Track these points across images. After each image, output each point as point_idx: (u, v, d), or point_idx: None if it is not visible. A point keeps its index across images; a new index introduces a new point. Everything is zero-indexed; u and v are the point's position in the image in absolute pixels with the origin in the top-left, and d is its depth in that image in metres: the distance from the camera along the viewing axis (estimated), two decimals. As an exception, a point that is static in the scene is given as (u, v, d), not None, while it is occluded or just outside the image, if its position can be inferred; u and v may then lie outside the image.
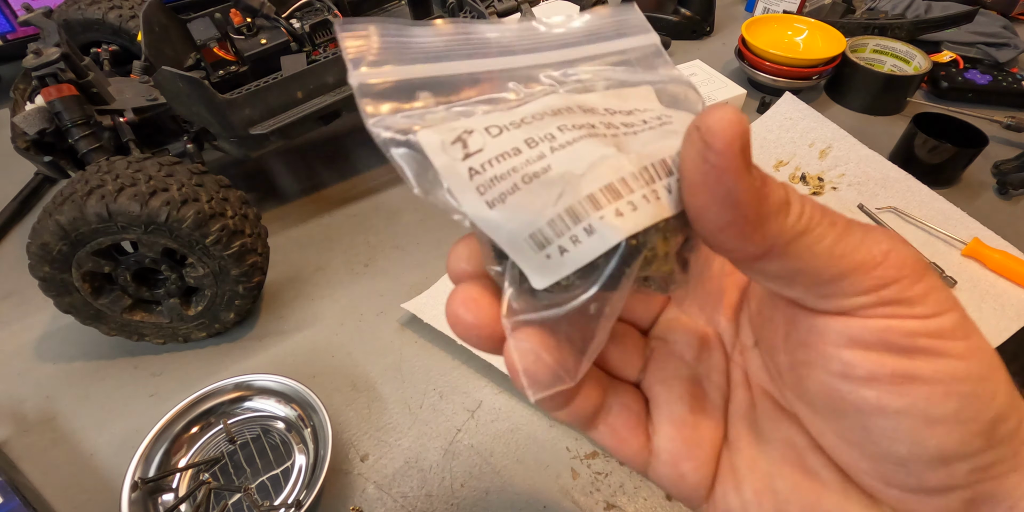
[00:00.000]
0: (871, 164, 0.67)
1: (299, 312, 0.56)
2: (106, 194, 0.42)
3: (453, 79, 0.16)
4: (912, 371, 0.14)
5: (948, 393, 0.14)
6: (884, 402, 0.14)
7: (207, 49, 0.61)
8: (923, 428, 0.14)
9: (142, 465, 0.43)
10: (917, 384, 0.14)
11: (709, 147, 0.13)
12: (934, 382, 0.14)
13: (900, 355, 0.14)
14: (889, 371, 0.14)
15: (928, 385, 0.14)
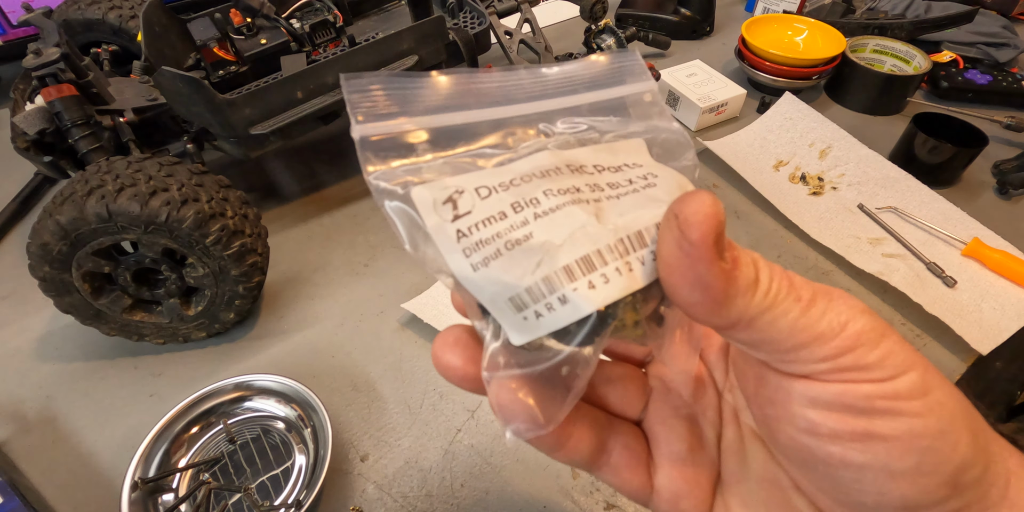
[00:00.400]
0: (871, 164, 0.67)
1: (299, 312, 0.56)
2: (106, 194, 0.42)
3: (451, 131, 0.17)
4: (871, 430, 0.15)
5: (908, 449, 0.15)
6: (848, 457, 0.15)
7: (207, 49, 0.61)
8: (886, 480, 0.15)
9: (142, 465, 0.43)
10: (877, 441, 0.15)
11: (685, 237, 0.14)
12: (893, 439, 0.15)
13: (859, 415, 0.15)
14: (850, 429, 0.15)
15: (888, 442, 0.15)
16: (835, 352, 0.15)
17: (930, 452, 0.15)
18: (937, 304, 0.53)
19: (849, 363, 0.15)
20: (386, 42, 0.59)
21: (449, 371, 0.18)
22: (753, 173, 0.67)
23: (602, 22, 0.73)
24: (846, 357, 0.15)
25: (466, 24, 0.68)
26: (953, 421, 0.15)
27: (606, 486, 0.44)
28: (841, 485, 0.16)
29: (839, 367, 0.15)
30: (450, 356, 0.18)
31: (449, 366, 0.18)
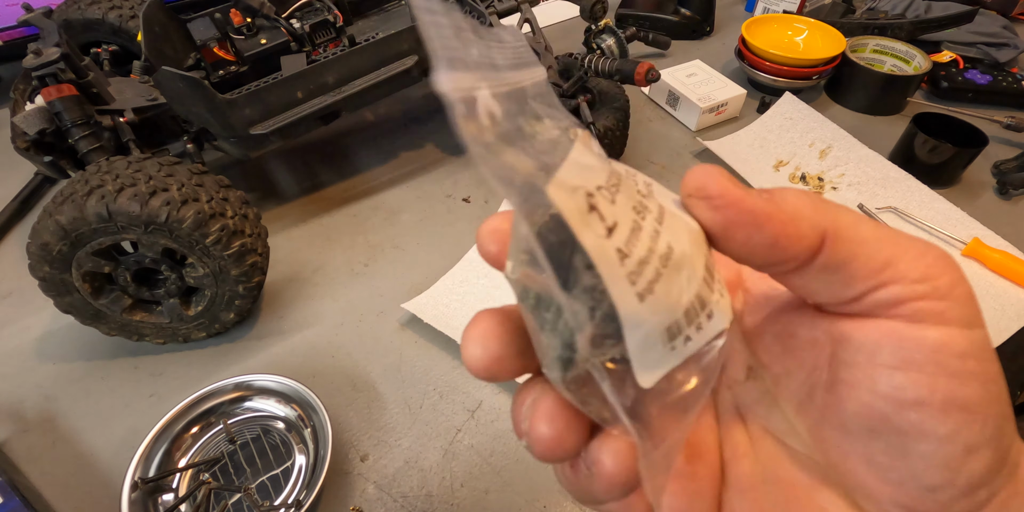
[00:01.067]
0: (871, 164, 0.67)
1: (299, 312, 0.56)
2: (106, 194, 0.42)
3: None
4: (963, 398, 0.14)
5: (987, 418, 0.14)
6: (928, 427, 0.14)
7: (207, 49, 0.61)
8: (961, 455, 0.14)
9: (142, 465, 0.43)
10: (960, 410, 0.14)
11: (711, 198, 0.14)
12: (976, 408, 0.14)
13: (952, 379, 0.14)
14: (940, 397, 0.14)
15: (971, 412, 0.14)
16: (924, 271, 0.14)
17: (1002, 421, 0.14)
18: (937, 304, 0.53)
19: (943, 289, 0.14)
20: (386, 42, 0.59)
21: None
22: (753, 173, 0.67)
23: (602, 22, 0.73)
24: (938, 282, 0.14)
25: (466, 24, 0.68)
26: (1006, 387, 0.14)
27: (606, 486, 0.44)
28: (910, 459, 0.14)
29: (930, 293, 0.14)
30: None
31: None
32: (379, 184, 0.69)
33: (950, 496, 0.14)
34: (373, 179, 0.70)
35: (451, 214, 0.65)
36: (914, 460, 0.14)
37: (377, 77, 0.59)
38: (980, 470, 0.14)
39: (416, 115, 0.79)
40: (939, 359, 0.14)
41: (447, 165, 0.71)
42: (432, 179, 0.70)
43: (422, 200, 0.67)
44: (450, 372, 0.51)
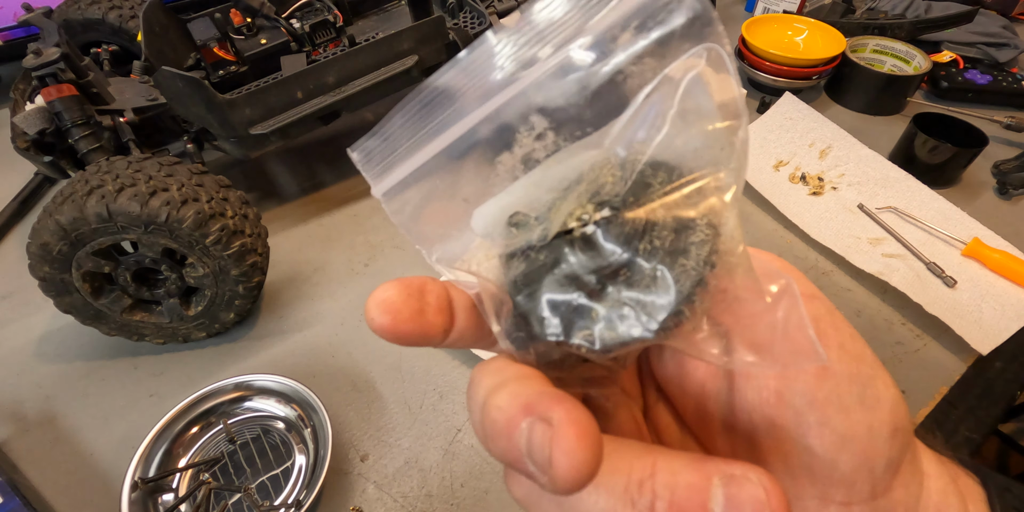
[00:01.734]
0: (871, 164, 0.67)
1: (299, 312, 0.56)
2: (106, 194, 0.42)
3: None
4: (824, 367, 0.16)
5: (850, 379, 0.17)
6: (811, 393, 0.16)
7: (207, 49, 0.61)
8: (839, 414, 0.16)
9: (142, 465, 0.43)
10: (828, 377, 0.16)
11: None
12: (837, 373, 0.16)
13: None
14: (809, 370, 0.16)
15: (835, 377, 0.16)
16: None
17: (866, 381, 0.16)
18: (937, 304, 0.53)
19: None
20: (386, 42, 0.59)
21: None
22: (753, 173, 0.67)
23: (602, 22, 0.73)
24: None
25: (466, 24, 0.68)
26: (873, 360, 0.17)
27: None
28: (806, 437, 0.16)
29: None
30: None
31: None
32: (379, 184, 0.69)
33: (849, 466, 0.16)
34: (373, 179, 0.70)
35: (451, 214, 0.65)
36: (810, 436, 0.16)
37: (377, 77, 0.59)
38: (861, 429, 0.16)
39: (416, 115, 0.79)
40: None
41: (447, 165, 0.71)
42: (432, 179, 0.69)
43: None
44: (450, 372, 0.51)
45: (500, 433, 0.13)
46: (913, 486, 0.17)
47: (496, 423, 0.13)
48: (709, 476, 0.13)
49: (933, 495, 0.17)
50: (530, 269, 0.15)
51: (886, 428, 0.16)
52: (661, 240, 0.13)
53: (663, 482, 0.13)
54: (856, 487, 0.16)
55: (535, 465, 0.12)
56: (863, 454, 0.16)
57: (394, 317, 0.16)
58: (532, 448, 0.12)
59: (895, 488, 0.16)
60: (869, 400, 0.16)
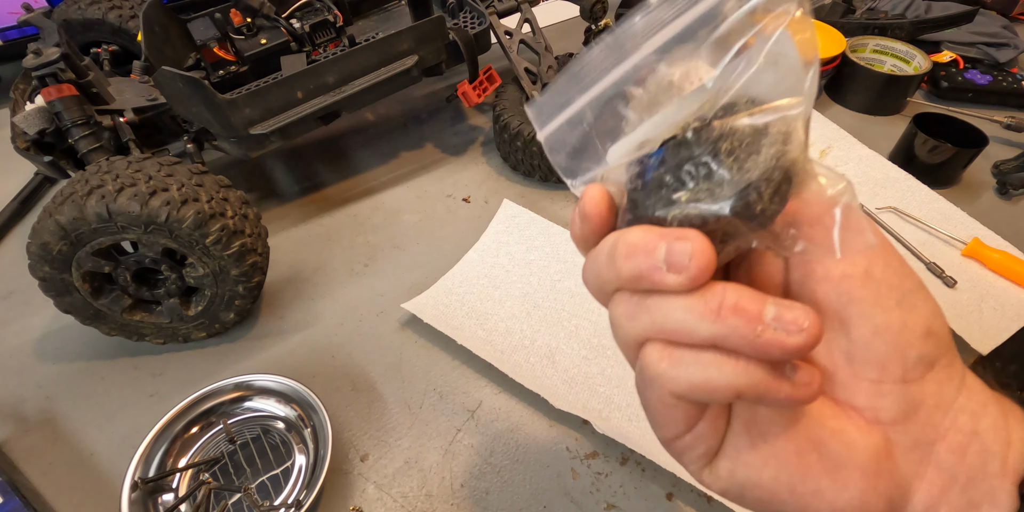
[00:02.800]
0: (871, 164, 0.67)
1: (299, 312, 0.56)
2: (106, 194, 0.42)
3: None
4: (867, 269, 0.19)
5: (891, 286, 0.20)
6: (853, 293, 0.19)
7: (207, 49, 0.61)
8: (880, 312, 0.19)
9: (142, 465, 0.43)
10: (871, 280, 0.19)
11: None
12: (881, 278, 0.19)
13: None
14: (859, 270, 0.19)
15: (877, 281, 0.19)
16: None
17: (908, 293, 0.19)
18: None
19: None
20: (386, 42, 0.59)
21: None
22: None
23: (602, 22, 0.73)
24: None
25: (466, 24, 0.68)
26: (916, 278, 0.19)
27: (606, 486, 0.44)
28: (846, 327, 0.19)
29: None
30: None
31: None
32: (379, 184, 0.69)
33: (883, 352, 0.18)
34: (373, 179, 0.70)
35: (451, 214, 0.65)
36: (850, 326, 0.19)
37: (377, 77, 0.59)
38: (896, 323, 0.19)
39: (416, 115, 0.79)
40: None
41: (447, 165, 0.71)
42: (432, 179, 0.70)
43: (422, 200, 0.67)
44: (450, 372, 0.51)
45: (638, 252, 0.17)
46: (948, 386, 0.19)
47: (634, 245, 0.17)
48: (766, 298, 0.17)
49: (972, 402, 0.19)
50: (642, 168, 0.18)
51: (920, 327, 0.18)
52: (740, 141, 0.17)
53: (731, 293, 0.17)
54: (887, 369, 0.18)
55: (671, 268, 0.17)
56: (895, 343, 0.18)
57: (607, 208, 0.20)
58: (672, 255, 0.17)
59: (927, 381, 0.19)
60: (907, 304, 0.18)
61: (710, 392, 0.18)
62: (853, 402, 0.19)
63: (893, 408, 0.19)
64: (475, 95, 0.67)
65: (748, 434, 0.20)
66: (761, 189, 0.16)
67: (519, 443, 0.47)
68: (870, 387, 0.19)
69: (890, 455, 0.19)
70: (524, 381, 0.48)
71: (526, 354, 0.51)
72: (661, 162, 0.18)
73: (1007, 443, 0.19)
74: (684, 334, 0.17)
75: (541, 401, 0.47)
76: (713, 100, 0.17)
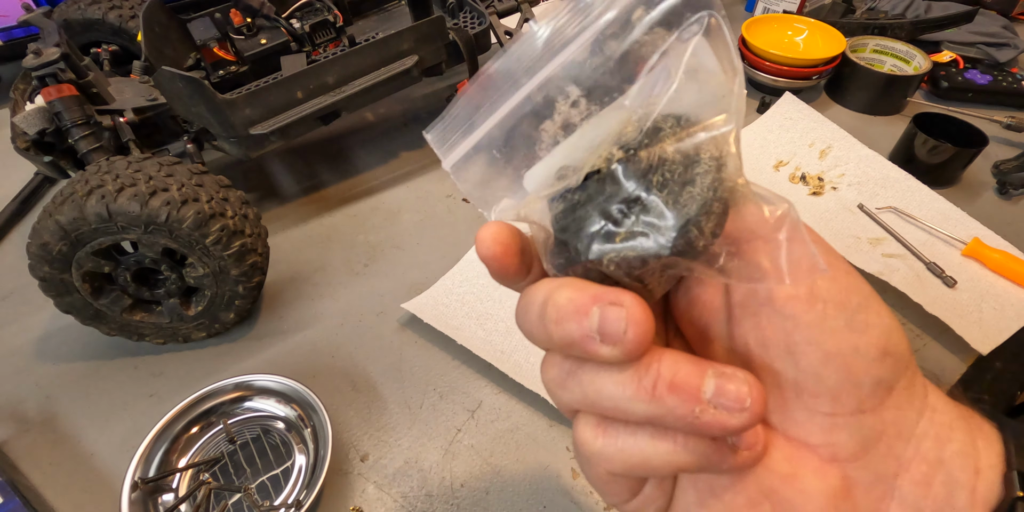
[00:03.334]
0: (871, 164, 0.67)
1: (299, 312, 0.56)
2: (106, 194, 0.42)
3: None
4: (814, 287, 0.18)
5: (840, 306, 0.18)
6: (798, 315, 0.17)
7: (207, 49, 0.61)
8: (826, 336, 0.17)
9: (142, 465, 0.43)
10: (818, 301, 0.18)
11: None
12: (827, 297, 0.18)
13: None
14: (804, 290, 0.18)
15: (823, 301, 0.18)
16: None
17: (857, 310, 0.17)
18: (937, 304, 0.53)
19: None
20: (386, 42, 0.59)
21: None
22: (753, 173, 0.67)
23: (602, 22, 0.73)
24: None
25: (466, 24, 0.68)
26: (871, 292, 0.18)
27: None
28: (793, 356, 0.17)
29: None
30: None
31: None
32: (379, 184, 0.69)
33: (834, 381, 0.17)
34: (373, 179, 0.70)
35: (451, 214, 0.65)
36: (798, 355, 0.17)
37: (377, 77, 0.59)
38: (846, 347, 0.17)
39: (416, 115, 0.79)
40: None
41: (447, 165, 0.71)
42: (432, 179, 0.70)
43: (422, 200, 0.67)
44: (450, 372, 0.51)
45: (569, 317, 0.16)
46: (909, 410, 0.18)
47: (563, 309, 0.16)
48: (705, 369, 0.16)
49: (935, 426, 0.18)
50: (567, 206, 0.17)
51: (874, 350, 0.17)
52: (671, 172, 0.16)
53: (667, 367, 0.16)
54: (841, 401, 0.17)
55: (605, 339, 0.15)
56: (847, 370, 0.17)
57: (504, 248, 0.18)
58: (606, 324, 0.15)
59: (886, 408, 0.17)
60: (858, 325, 0.17)
61: (648, 470, 0.17)
62: (806, 440, 0.18)
63: (850, 443, 0.17)
64: (475, 95, 0.67)
65: (696, 490, 0.19)
66: (701, 224, 0.15)
67: (519, 443, 0.47)
68: (824, 421, 0.17)
69: (848, 496, 0.17)
70: (524, 381, 0.48)
71: (526, 354, 0.51)
72: (588, 199, 0.17)
73: (975, 470, 0.17)
74: (619, 412, 0.16)
75: (541, 401, 0.47)
76: (634, 122, 0.16)
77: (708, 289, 0.19)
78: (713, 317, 0.19)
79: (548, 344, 0.17)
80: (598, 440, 0.17)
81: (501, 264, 0.18)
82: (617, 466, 0.17)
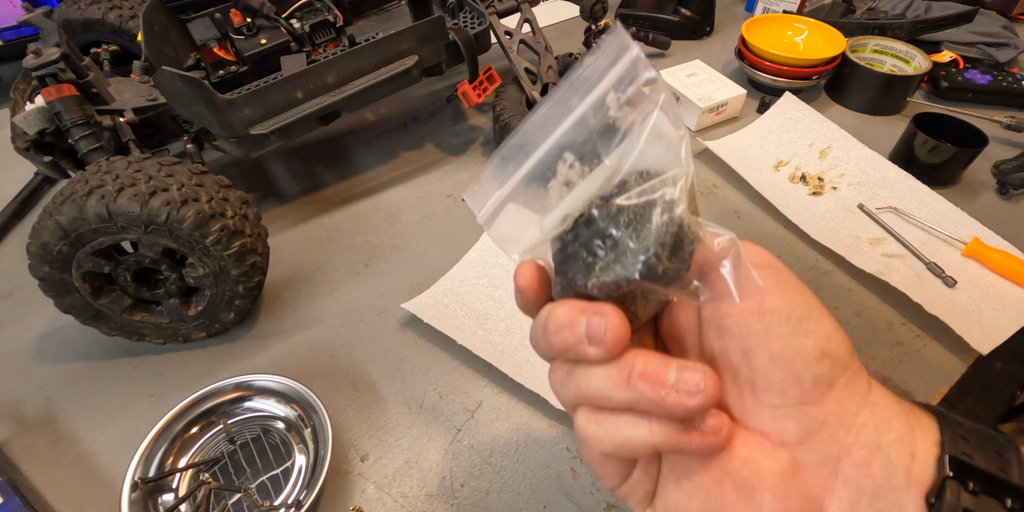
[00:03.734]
0: (871, 164, 0.67)
1: (299, 312, 0.56)
2: (106, 194, 0.42)
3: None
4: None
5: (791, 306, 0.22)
6: (750, 324, 0.21)
7: (207, 49, 0.61)
8: (777, 340, 0.21)
9: (142, 465, 0.43)
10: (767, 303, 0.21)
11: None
12: (777, 295, 0.22)
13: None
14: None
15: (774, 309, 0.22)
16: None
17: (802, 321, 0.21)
18: (937, 304, 0.53)
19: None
20: (386, 42, 0.59)
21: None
22: (753, 173, 0.67)
23: (602, 22, 0.73)
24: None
25: (466, 24, 0.68)
26: (811, 298, 0.21)
27: (606, 486, 0.44)
28: (747, 358, 0.21)
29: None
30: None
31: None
32: (379, 184, 0.69)
33: (780, 379, 0.20)
34: (373, 179, 0.70)
35: (451, 214, 0.65)
36: (752, 358, 0.21)
37: (377, 77, 0.59)
38: (791, 348, 0.21)
39: (416, 115, 0.79)
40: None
41: (447, 165, 0.71)
42: (432, 179, 0.70)
43: (422, 200, 0.67)
44: (450, 372, 0.51)
45: (564, 327, 0.20)
46: (849, 404, 0.21)
47: (560, 322, 0.21)
48: (670, 363, 0.20)
49: (875, 417, 0.21)
50: (562, 244, 0.22)
51: (813, 351, 0.20)
52: (634, 213, 0.20)
53: (640, 361, 0.20)
54: (786, 394, 0.20)
55: (591, 341, 0.20)
56: (790, 369, 0.20)
57: (538, 282, 0.23)
58: (591, 329, 0.20)
59: (827, 401, 0.21)
60: (800, 331, 0.20)
61: (630, 449, 0.21)
62: (760, 428, 0.21)
63: (795, 429, 0.21)
64: (475, 95, 0.67)
65: (673, 474, 0.22)
66: (659, 252, 0.19)
67: (519, 443, 0.47)
68: (772, 412, 0.21)
69: (797, 474, 0.20)
70: (524, 381, 0.48)
71: (526, 354, 0.51)
72: (575, 237, 0.21)
73: (911, 455, 0.20)
74: (604, 400, 0.20)
75: (541, 401, 0.47)
76: (611, 177, 0.21)
77: (684, 311, 0.23)
78: (688, 332, 0.23)
79: (552, 353, 0.22)
80: (590, 425, 0.21)
81: (534, 292, 0.23)
82: (607, 446, 0.21)
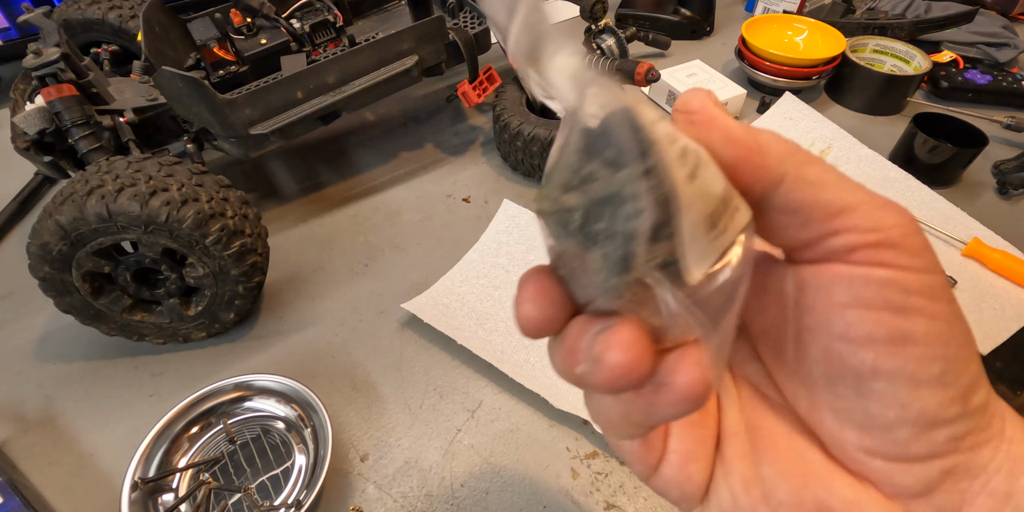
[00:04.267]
0: (871, 164, 0.67)
1: (299, 312, 0.56)
2: (106, 194, 0.42)
3: None
4: (907, 331, 0.14)
5: (935, 356, 0.15)
6: (879, 363, 0.15)
7: (207, 49, 0.61)
8: (911, 390, 0.15)
9: (142, 465, 0.43)
10: (909, 345, 0.15)
11: (690, 113, 0.15)
12: (924, 344, 0.14)
13: (896, 313, 0.14)
14: (885, 331, 0.15)
15: (919, 347, 0.15)
16: (880, 224, 0.14)
17: (952, 362, 0.15)
18: (937, 304, 0.53)
19: (895, 238, 0.14)
20: (386, 42, 0.59)
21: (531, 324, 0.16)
22: (753, 173, 0.67)
23: (602, 22, 0.73)
24: (893, 231, 0.14)
25: (466, 24, 0.68)
26: (969, 335, 0.15)
27: (606, 486, 0.44)
28: (864, 399, 0.15)
29: (882, 241, 0.14)
30: (622, 355, 0.14)
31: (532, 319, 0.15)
32: (379, 184, 0.69)
33: (906, 435, 0.15)
34: (373, 179, 0.70)
35: (451, 214, 0.65)
36: (869, 400, 0.15)
37: (377, 77, 0.59)
38: (932, 406, 0.15)
39: (416, 115, 0.79)
40: (886, 295, 0.14)
41: (447, 165, 0.71)
42: (432, 179, 0.70)
43: (422, 200, 0.67)
44: (450, 372, 0.51)
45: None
46: (984, 450, 0.16)
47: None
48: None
49: (1008, 461, 0.16)
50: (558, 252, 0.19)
51: (958, 407, 0.15)
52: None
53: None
54: (911, 450, 0.15)
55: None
56: (924, 425, 0.15)
57: (548, 312, 0.17)
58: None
59: (960, 451, 0.16)
60: (949, 378, 0.15)
61: (614, 428, 0.17)
62: (868, 476, 0.17)
63: (917, 485, 0.16)
64: (475, 95, 0.67)
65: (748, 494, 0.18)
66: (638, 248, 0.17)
67: (519, 443, 0.47)
68: (887, 466, 0.16)
69: None
70: (524, 381, 0.48)
71: (526, 354, 0.51)
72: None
73: None
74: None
75: (541, 401, 0.47)
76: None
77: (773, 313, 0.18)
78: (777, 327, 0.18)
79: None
80: (587, 406, 0.18)
81: (541, 325, 0.19)
82: (601, 426, 0.18)
